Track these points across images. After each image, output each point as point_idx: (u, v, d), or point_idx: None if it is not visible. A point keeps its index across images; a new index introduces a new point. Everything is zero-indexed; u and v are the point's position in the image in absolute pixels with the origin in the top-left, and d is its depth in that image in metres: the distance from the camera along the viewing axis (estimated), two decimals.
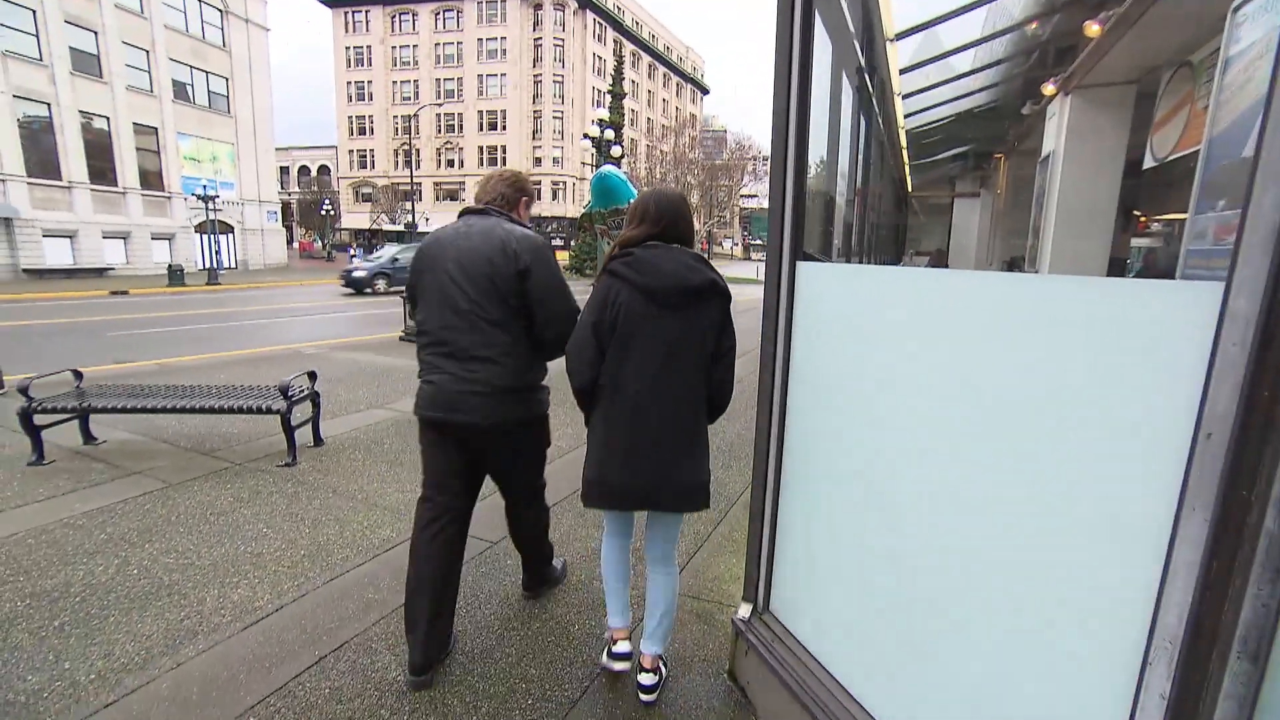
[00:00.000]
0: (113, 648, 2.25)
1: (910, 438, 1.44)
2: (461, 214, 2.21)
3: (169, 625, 2.39)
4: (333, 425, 4.91)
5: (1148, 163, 4.48)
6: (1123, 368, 0.98)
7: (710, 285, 1.84)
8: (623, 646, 2.12)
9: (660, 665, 2.10)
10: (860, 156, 4.33)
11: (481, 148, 51.88)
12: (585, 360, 1.92)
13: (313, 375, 4.44)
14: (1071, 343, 1.05)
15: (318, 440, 4.43)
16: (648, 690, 2.04)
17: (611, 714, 1.99)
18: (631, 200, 7.14)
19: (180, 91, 25.36)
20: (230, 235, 27.90)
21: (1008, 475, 1.19)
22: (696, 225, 44.13)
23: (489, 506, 3.54)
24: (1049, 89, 5.38)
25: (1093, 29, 4.18)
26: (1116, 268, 5.01)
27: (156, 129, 24.52)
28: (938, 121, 8.05)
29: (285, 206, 42.86)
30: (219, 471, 3.94)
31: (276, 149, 31.99)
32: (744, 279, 35.89)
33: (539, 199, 51.43)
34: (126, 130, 23.33)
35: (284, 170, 55.68)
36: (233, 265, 27.93)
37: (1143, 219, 5.85)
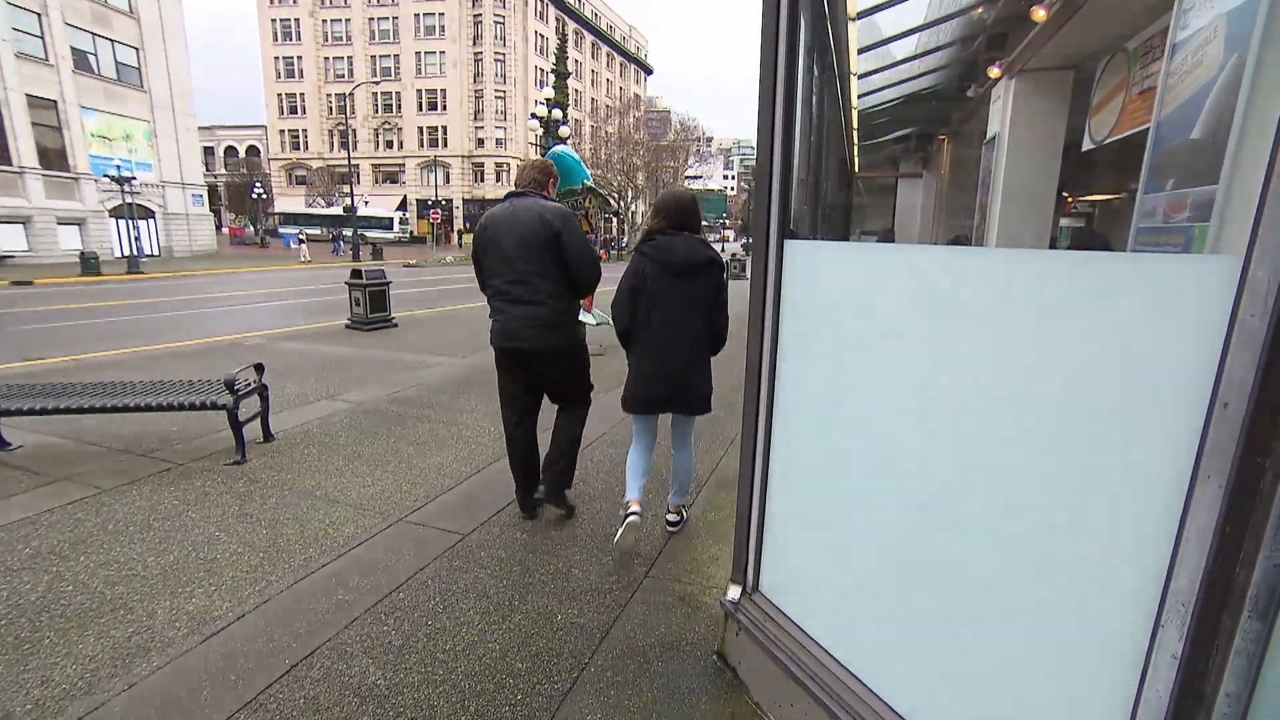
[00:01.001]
0: (51, 672, 2.06)
1: (910, 413, 1.44)
2: (506, 196, 2.95)
3: (115, 643, 2.21)
4: (282, 419, 4.65)
5: (1086, 145, 4.68)
6: (1139, 340, 1.00)
7: (708, 260, 2.70)
8: (634, 508, 2.83)
9: (681, 511, 3.18)
10: (823, 137, 4.35)
11: (421, 128, 50.00)
12: (625, 312, 2.76)
13: (259, 367, 4.18)
14: (1086, 316, 1.06)
15: (268, 436, 4.18)
16: (672, 525, 3.13)
17: (604, 704, 1.97)
18: (586, 182, 7.02)
19: (82, 61, 23.21)
20: (151, 220, 26.00)
21: (1015, 447, 1.21)
22: (643, 207, 44.16)
23: (458, 496, 3.46)
24: (994, 72, 5.55)
25: (1039, 14, 4.31)
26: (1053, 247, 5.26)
27: (56, 102, 22.40)
28: (886, 103, 8.21)
29: (212, 190, 40.21)
30: (160, 474, 3.67)
31: (200, 128, 29.89)
32: None
33: (481, 181, 50.18)
34: (19, 102, 21.18)
35: (209, 151, 52.18)
36: (155, 253, 26.08)
37: (1069, 200, 6.17)
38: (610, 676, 2.09)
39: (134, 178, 21.44)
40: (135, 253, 20.18)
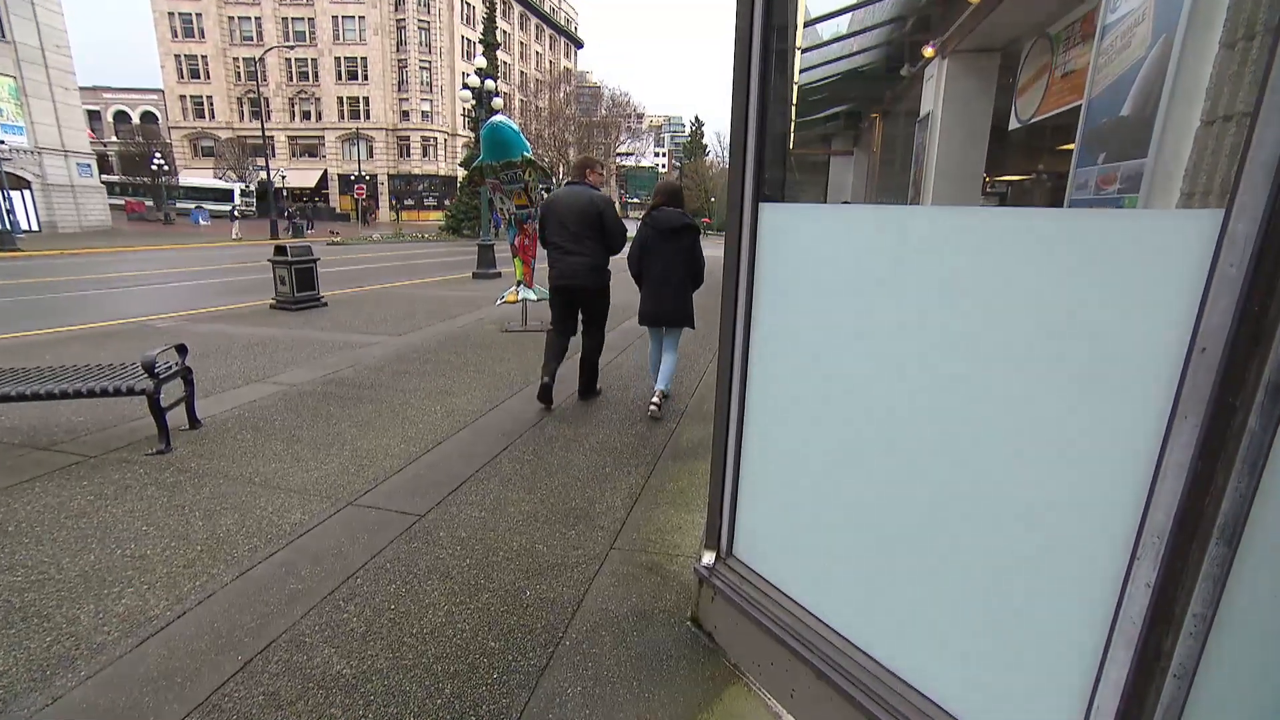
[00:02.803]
0: None
1: (888, 370, 1.48)
2: (566, 183, 4.54)
3: (31, 655, 1.99)
4: (209, 405, 4.31)
5: (1012, 125, 4.93)
6: (1125, 289, 1.05)
7: (685, 225, 4.18)
8: (656, 395, 4.42)
9: (663, 398, 4.44)
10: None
11: (342, 99, 47.01)
12: (634, 261, 4.30)
13: (181, 349, 3.83)
14: (1075, 269, 1.11)
15: (194, 422, 3.86)
16: (656, 405, 4.39)
17: (582, 677, 1.95)
18: (525, 154, 6.82)
19: None
20: (27, 192, 23.30)
21: (996, 399, 1.26)
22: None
23: (409, 477, 3.32)
24: (928, 52, 5.73)
25: None
26: None
27: None
28: (822, 80, 8.35)
29: (102, 159, 36.41)
30: (66, 468, 3.32)
31: (82, 89, 26.84)
32: None
33: (407, 155, 47.97)
34: None
35: (95, 115, 47.03)
36: (34, 228, 23.44)
37: (986, 178, 6.51)
38: (586, 649, 2.08)
39: (1, 142, 19.04)
40: (8, 227, 18.00)
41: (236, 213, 26.36)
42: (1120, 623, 1.08)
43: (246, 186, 41.32)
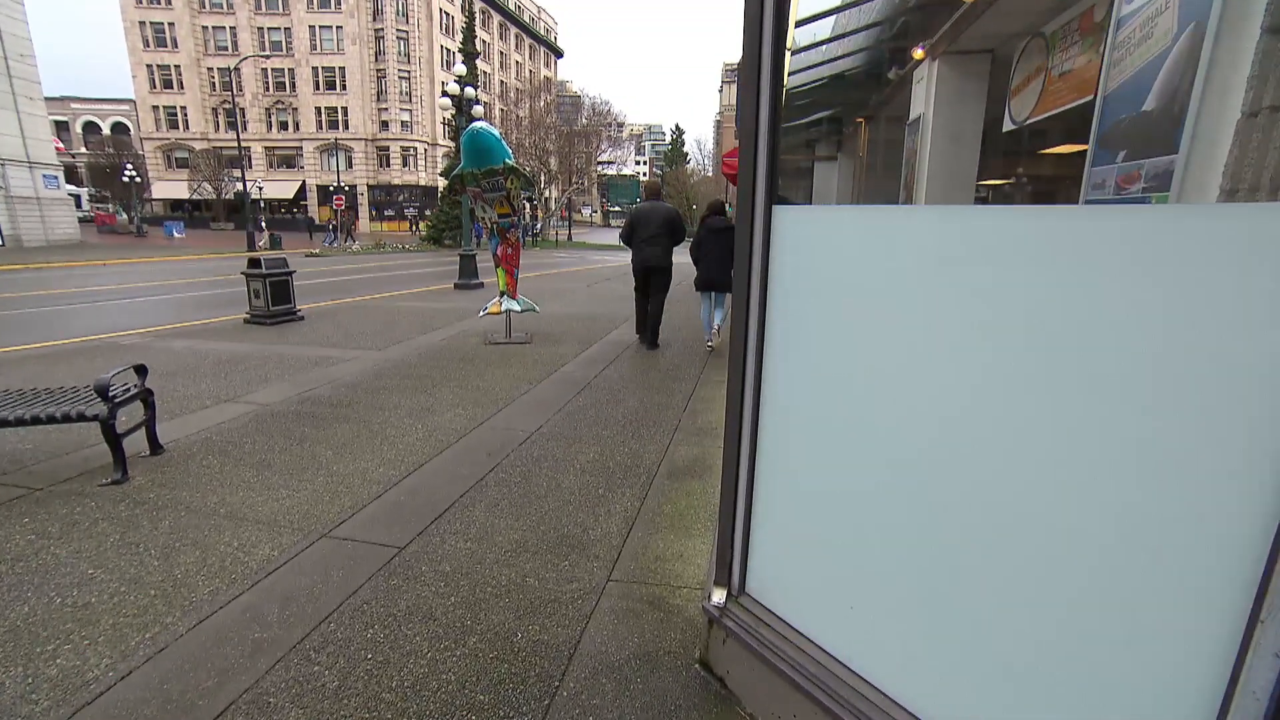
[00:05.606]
0: None
1: (930, 384, 1.30)
2: (644, 201, 7.23)
3: None
4: (173, 428, 4.03)
5: (1007, 126, 4.84)
6: (1239, 297, 0.88)
7: (729, 227, 6.44)
8: (710, 339, 7.09)
9: (717, 333, 7.03)
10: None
11: (320, 109, 46.44)
12: (694, 249, 7.04)
13: (141, 369, 3.56)
14: (1163, 274, 0.94)
15: (155, 448, 3.58)
16: (713, 337, 7.07)
17: None
18: (507, 161, 6.62)
19: None
20: None
21: (1064, 417, 1.08)
22: (556, 193, 43.50)
23: (388, 504, 3.08)
24: (918, 54, 5.64)
25: None
26: None
27: None
28: (807, 85, 8.25)
29: (71, 171, 35.48)
30: (8, 503, 3.03)
31: (48, 98, 26.14)
32: (608, 245, 35.16)
33: (387, 166, 47.55)
34: None
35: (63, 126, 45.97)
36: None
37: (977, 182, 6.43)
38: (586, 700, 1.87)
39: None
40: None
41: (263, 224, 25.65)
42: (1238, 699, 0.90)
43: (94, 191, 37.49)
